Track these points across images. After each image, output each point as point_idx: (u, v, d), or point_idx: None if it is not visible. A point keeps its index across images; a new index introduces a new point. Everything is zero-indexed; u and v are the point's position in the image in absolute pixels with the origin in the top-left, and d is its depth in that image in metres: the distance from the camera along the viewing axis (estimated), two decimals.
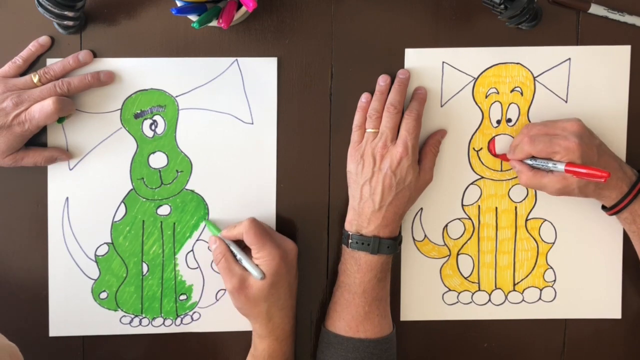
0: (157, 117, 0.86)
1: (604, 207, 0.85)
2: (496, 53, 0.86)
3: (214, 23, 0.78)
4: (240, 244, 0.84)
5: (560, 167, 0.79)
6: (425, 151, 0.85)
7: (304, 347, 0.89)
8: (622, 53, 0.87)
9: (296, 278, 0.85)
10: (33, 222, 0.86)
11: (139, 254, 0.87)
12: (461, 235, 0.89)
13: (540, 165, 0.81)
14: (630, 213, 0.82)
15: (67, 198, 0.86)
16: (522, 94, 0.87)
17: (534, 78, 0.87)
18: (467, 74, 0.86)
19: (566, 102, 0.87)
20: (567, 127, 0.81)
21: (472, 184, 0.88)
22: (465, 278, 0.89)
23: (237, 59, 0.86)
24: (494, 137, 0.87)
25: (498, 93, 0.87)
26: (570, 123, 0.81)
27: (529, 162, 0.83)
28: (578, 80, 0.87)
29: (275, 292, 0.82)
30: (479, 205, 0.88)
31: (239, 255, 0.83)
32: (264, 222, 0.85)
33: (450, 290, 0.89)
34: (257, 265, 0.81)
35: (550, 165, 0.80)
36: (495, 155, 0.87)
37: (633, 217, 0.82)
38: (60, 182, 0.86)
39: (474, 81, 0.87)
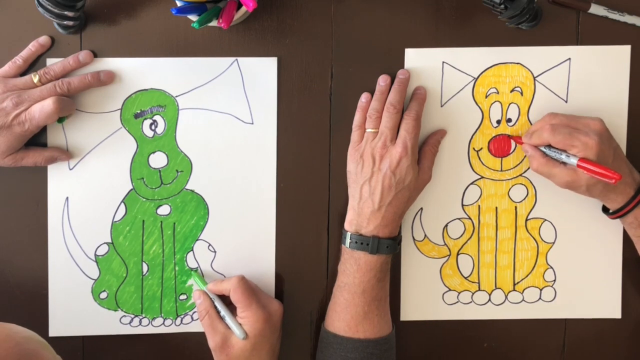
0: (157, 117, 0.86)
1: (605, 211, 0.85)
2: (496, 53, 0.86)
3: (214, 23, 0.78)
4: (225, 299, 0.84)
5: (573, 160, 0.79)
6: (424, 150, 0.85)
7: (304, 347, 0.89)
8: (622, 53, 0.87)
9: (279, 339, 0.85)
10: (33, 222, 0.86)
11: (139, 253, 0.87)
12: (461, 235, 0.89)
13: (553, 154, 0.81)
14: (635, 217, 0.82)
15: (67, 198, 0.86)
16: (522, 94, 0.87)
17: (534, 78, 0.87)
18: (467, 74, 0.86)
19: (566, 102, 0.87)
20: (590, 124, 0.81)
21: (472, 184, 0.88)
22: (465, 278, 0.89)
23: (237, 59, 0.86)
24: (494, 136, 0.87)
25: (498, 93, 0.87)
26: (593, 121, 0.81)
27: (542, 149, 0.83)
28: (578, 80, 0.87)
29: (257, 353, 0.82)
30: (479, 205, 0.88)
31: (223, 312, 0.83)
32: (251, 281, 0.85)
33: (450, 290, 0.89)
34: (240, 324, 0.81)
35: (563, 156, 0.80)
36: (509, 137, 0.87)
37: (639, 221, 0.82)
38: (60, 182, 0.86)
39: (474, 81, 0.87)
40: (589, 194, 0.82)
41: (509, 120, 0.87)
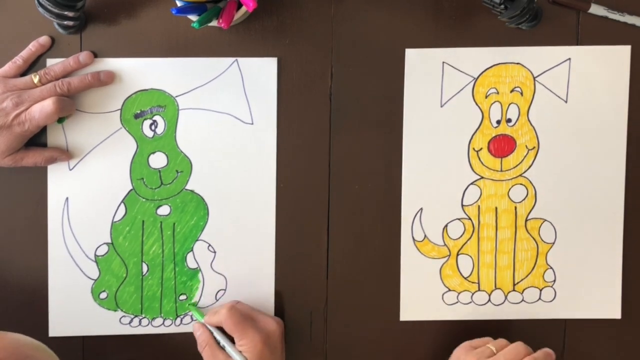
0: (157, 117, 0.86)
1: None
2: (496, 53, 0.86)
3: (214, 23, 0.78)
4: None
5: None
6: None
7: (304, 347, 0.89)
8: (622, 53, 0.87)
9: (282, 355, 0.85)
10: (33, 222, 0.86)
11: (138, 254, 0.87)
12: (461, 235, 0.89)
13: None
14: None
15: (67, 198, 0.86)
16: (522, 94, 0.87)
17: (534, 78, 0.87)
18: (467, 74, 0.87)
19: (566, 102, 0.87)
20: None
21: (472, 184, 0.88)
22: (465, 278, 0.89)
23: (237, 59, 0.86)
24: (494, 137, 0.87)
25: (498, 93, 0.87)
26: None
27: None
28: (578, 80, 0.87)
29: None
30: (478, 205, 0.88)
31: (223, 342, 0.83)
32: (244, 305, 0.85)
33: (450, 290, 0.89)
34: (240, 352, 0.81)
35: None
36: None
37: None
38: (60, 182, 0.86)
39: (474, 81, 0.87)
40: None
41: (509, 120, 0.87)
